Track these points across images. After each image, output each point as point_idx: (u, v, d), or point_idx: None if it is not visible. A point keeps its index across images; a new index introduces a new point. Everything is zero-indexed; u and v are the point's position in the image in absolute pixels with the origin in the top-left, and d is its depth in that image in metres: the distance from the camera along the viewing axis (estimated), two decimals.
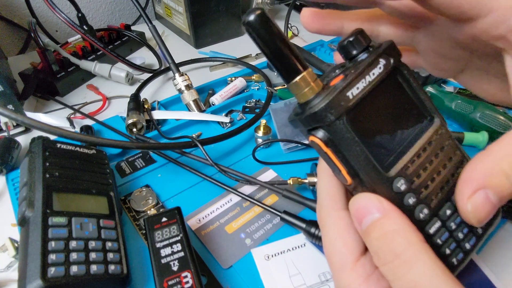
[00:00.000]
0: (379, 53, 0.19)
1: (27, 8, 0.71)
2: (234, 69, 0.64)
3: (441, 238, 0.19)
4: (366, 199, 0.19)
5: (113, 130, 0.47)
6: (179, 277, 0.27)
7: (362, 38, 0.19)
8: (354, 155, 0.18)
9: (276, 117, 0.47)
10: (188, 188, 0.40)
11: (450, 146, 0.21)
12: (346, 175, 0.19)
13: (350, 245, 0.20)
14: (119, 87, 0.59)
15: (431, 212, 0.19)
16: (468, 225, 0.20)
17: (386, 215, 0.18)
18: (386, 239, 0.18)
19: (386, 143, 0.19)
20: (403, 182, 0.19)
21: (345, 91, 0.17)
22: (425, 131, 0.20)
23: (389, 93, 0.19)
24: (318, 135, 0.18)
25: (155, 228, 0.30)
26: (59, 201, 0.30)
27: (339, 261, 0.20)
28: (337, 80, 0.18)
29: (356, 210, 0.19)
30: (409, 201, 0.19)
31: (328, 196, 0.22)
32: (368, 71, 0.18)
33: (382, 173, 0.18)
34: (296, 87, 0.18)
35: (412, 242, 0.17)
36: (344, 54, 0.20)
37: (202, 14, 0.68)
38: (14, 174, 0.41)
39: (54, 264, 0.26)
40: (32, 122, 0.30)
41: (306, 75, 0.18)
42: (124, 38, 0.69)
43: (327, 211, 0.22)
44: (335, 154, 0.19)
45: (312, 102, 0.18)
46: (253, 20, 0.17)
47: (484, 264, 0.32)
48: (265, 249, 0.33)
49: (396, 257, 0.17)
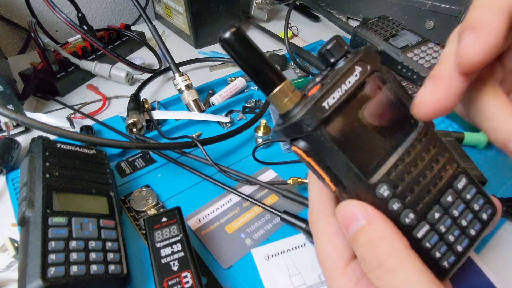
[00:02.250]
0: (355, 61, 0.19)
1: (27, 8, 0.71)
2: (234, 69, 0.64)
3: (430, 241, 0.19)
4: (351, 206, 0.19)
5: (113, 130, 0.47)
6: (179, 277, 0.27)
7: (339, 46, 0.19)
8: (335, 163, 0.18)
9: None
10: (188, 188, 0.40)
11: (437, 148, 0.20)
12: (329, 183, 0.19)
13: (340, 250, 0.21)
14: (119, 87, 0.59)
15: (418, 216, 0.19)
16: (459, 227, 0.20)
17: (371, 221, 0.18)
18: (371, 246, 0.18)
19: (367, 150, 0.19)
20: (386, 188, 0.19)
21: (320, 102, 0.18)
22: (409, 134, 0.20)
23: (367, 99, 0.19)
24: (299, 145, 0.19)
25: (155, 228, 0.30)
26: (59, 201, 0.30)
27: (330, 266, 0.21)
28: (314, 90, 0.18)
29: (342, 217, 0.19)
30: (393, 207, 0.19)
31: (318, 202, 0.23)
32: (343, 80, 0.18)
33: (364, 180, 0.18)
34: (275, 99, 0.19)
35: (397, 249, 0.17)
36: (323, 62, 0.20)
37: (202, 14, 0.68)
38: (14, 174, 0.41)
39: (54, 264, 0.26)
40: (32, 122, 0.30)
41: (284, 87, 0.18)
42: (124, 38, 0.69)
43: (317, 216, 0.22)
44: (316, 163, 0.19)
45: (292, 113, 0.18)
46: (228, 37, 0.17)
47: (484, 264, 0.32)
48: (265, 249, 0.33)
49: (380, 264, 0.17)
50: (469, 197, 0.21)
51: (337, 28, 0.70)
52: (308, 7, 0.85)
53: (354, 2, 0.77)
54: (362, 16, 0.76)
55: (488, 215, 0.21)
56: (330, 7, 0.81)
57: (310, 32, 0.79)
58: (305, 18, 0.85)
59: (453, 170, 0.21)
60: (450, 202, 0.20)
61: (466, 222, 0.21)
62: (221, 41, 0.17)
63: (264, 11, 0.82)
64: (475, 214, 0.21)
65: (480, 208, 0.21)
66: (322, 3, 0.82)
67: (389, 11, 0.70)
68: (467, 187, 0.21)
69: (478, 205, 0.21)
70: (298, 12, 0.87)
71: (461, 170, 0.21)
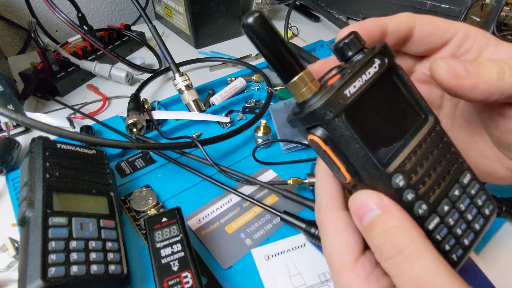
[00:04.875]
0: (374, 53, 0.19)
1: (27, 8, 0.71)
2: (234, 69, 0.64)
3: (440, 234, 0.20)
4: (366, 196, 0.19)
5: (113, 130, 0.47)
6: (179, 277, 0.27)
7: (357, 40, 0.20)
8: (353, 152, 0.18)
9: (276, 117, 0.47)
10: (188, 188, 0.40)
11: (445, 143, 0.21)
12: (345, 172, 0.19)
13: (350, 245, 0.20)
14: (119, 87, 0.59)
15: (429, 208, 0.20)
16: (465, 221, 0.21)
17: (387, 211, 0.18)
18: (389, 234, 0.18)
19: (383, 141, 0.19)
20: (402, 178, 0.19)
21: (343, 89, 0.18)
22: (420, 129, 0.20)
23: (384, 92, 0.20)
24: (317, 133, 0.19)
25: (155, 228, 0.30)
26: (59, 201, 0.30)
27: (339, 261, 0.20)
28: (334, 79, 0.19)
29: (356, 207, 0.19)
30: (408, 197, 0.19)
31: (326, 197, 0.22)
32: (364, 70, 0.18)
33: (381, 170, 0.19)
34: (294, 87, 0.19)
35: (414, 238, 0.18)
36: (339, 56, 0.20)
37: (202, 14, 0.68)
38: (14, 174, 0.41)
39: (54, 264, 0.26)
40: (32, 122, 0.30)
41: (304, 75, 0.19)
42: (124, 38, 0.69)
43: (325, 211, 0.22)
44: (334, 152, 0.19)
45: (310, 101, 0.18)
46: (252, 22, 0.17)
47: (484, 264, 0.32)
48: (265, 249, 0.33)
49: (399, 253, 0.17)
50: (473, 192, 0.22)
51: (337, 28, 0.70)
52: (308, 7, 0.85)
53: (354, 2, 0.77)
54: (362, 16, 0.76)
55: (490, 210, 0.22)
56: (330, 7, 0.81)
57: (310, 32, 0.79)
58: (305, 18, 0.85)
59: (459, 165, 0.21)
60: (457, 196, 0.21)
61: (471, 217, 0.21)
62: (244, 26, 0.17)
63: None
64: (478, 209, 0.22)
65: (483, 203, 0.22)
66: (322, 3, 0.82)
67: (389, 11, 0.70)
68: (471, 183, 0.22)
69: (481, 200, 0.22)
70: (298, 12, 0.87)
71: (466, 166, 0.22)
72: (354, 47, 0.20)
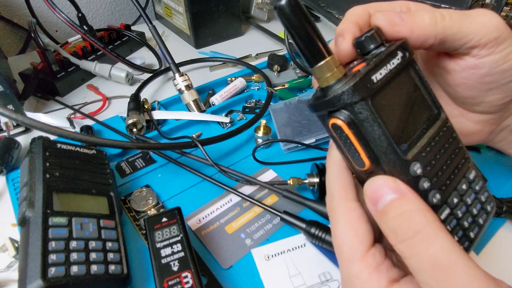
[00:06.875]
0: (397, 45, 0.20)
1: (27, 8, 0.71)
2: (234, 69, 0.65)
3: (450, 225, 0.20)
4: (383, 181, 0.19)
5: (113, 130, 0.47)
6: (179, 277, 0.27)
7: (378, 35, 0.21)
8: (375, 136, 0.19)
9: (276, 117, 0.47)
10: (188, 188, 0.40)
11: (454, 139, 0.22)
12: (365, 158, 0.20)
13: (361, 235, 0.21)
14: (119, 87, 0.59)
15: (442, 198, 0.20)
16: (472, 215, 0.22)
17: (403, 195, 0.19)
18: (405, 217, 0.18)
19: (402, 129, 0.20)
20: (419, 166, 0.19)
21: (370, 75, 0.18)
22: (434, 123, 0.21)
23: (404, 83, 0.20)
24: (341, 116, 0.19)
25: (155, 228, 0.30)
26: (59, 201, 0.30)
27: (349, 251, 0.21)
28: (359, 66, 0.19)
29: (372, 191, 0.20)
30: (424, 185, 0.19)
31: (339, 187, 0.22)
32: (389, 60, 0.19)
33: (400, 156, 0.19)
34: (319, 71, 0.19)
35: (430, 220, 0.18)
36: (360, 49, 0.21)
37: (202, 14, 0.68)
38: (14, 174, 0.41)
39: (55, 264, 0.26)
40: (32, 122, 0.30)
41: (331, 61, 0.19)
42: (124, 38, 0.69)
43: (338, 201, 0.22)
44: (356, 136, 0.19)
45: (335, 86, 0.19)
46: (284, 4, 0.17)
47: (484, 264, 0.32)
48: (265, 249, 0.33)
49: (416, 234, 0.18)
50: (478, 188, 0.22)
51: None
52: (308, 7, 0.85)
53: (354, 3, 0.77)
54: None
55: (491, 207, 0.23)
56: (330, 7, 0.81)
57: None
58: None
59: (466, 161, 0.22)
60: (464, 190, 0.21)
61: (476, 211, 0.22)
62: (276, 8, 0.18)
63: (264, 11, 0.82)
64: (482, 205, 0.22)
65: (485, 199, 0.23)
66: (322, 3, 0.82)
67: None
68: (475, 179, 0.22)
69: (484, 197, 0.23)
70: None
71: (472, 164, 0.23)
72: (375, 41, 0.20)
